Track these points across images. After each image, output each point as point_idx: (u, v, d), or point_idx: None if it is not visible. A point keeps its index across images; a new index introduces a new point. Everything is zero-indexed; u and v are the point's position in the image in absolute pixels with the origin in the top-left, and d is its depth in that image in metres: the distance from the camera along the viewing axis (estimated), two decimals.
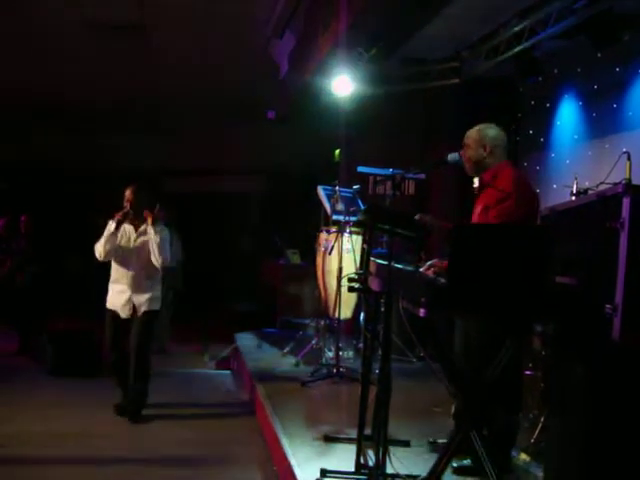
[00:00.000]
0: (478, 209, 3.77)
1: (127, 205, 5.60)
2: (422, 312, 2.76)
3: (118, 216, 5.55)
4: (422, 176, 6.43)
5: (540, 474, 3.54)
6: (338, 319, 6.16)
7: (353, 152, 8.48)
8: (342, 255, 6.01)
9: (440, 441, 4.06)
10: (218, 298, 11.37)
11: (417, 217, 3.88)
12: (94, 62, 8.90)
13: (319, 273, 6.66)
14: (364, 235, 4.11)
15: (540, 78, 6.48)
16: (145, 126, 11.98)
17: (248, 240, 12.85)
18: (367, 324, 3.60)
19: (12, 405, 5.85)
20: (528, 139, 7.14)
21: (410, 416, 4.86)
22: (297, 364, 6.62)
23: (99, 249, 5.57)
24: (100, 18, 7.33)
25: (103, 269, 5.82)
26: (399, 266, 3.35)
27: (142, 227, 5.66)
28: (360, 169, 6.70)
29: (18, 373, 7.18)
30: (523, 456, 3.81)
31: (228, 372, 7.65)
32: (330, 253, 6.18)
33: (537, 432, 3.95)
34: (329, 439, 4.33)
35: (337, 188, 6.31)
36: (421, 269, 3.35)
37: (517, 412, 3.71)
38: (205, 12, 7.09)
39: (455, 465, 3.72)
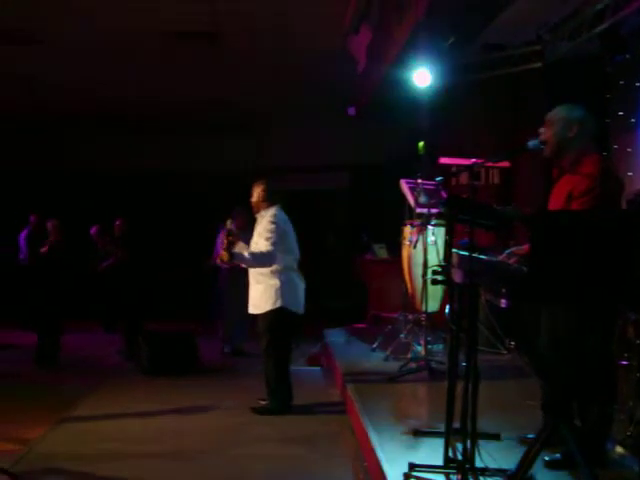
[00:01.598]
0: (559, 197, 3.62)
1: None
2: (503, 303, 2.71)
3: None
4: (506, 164, 6.29)
5: (636, 468, 3.40)
6: (425, 312, 6.11)
7: (437, 143, 8.37)
8: (427, 248, 5.95)
9: (531, 435, 3.96)
10: (308, 295, 11.46)
11: (499, 207, 3.77)
12: (175, 68, 9.14)
13: (405, 267, 6.63)
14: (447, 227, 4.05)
15: (628, 56, 6.19)
16: (231, 127, 12.21)
17: (335, 236, 12.90)
18: (452, 317, 3.54)
19: (111, 403, 6.12)
20: (618, 120, 6.83)
21: (501, 409, 4.77)
22: (386, 359, 6.60)
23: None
24: (177, 27, 7.49)
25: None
26: (481, 257, 3.29)
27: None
28: (442, 160, 6.61)
29: (117, 373, 7.51)
30: (619, 449, 3.67)
31: (318, 368, 7.70)
32: (415, 246, 6.14)
33: (633, 424, 3.79)
34: (418, 433, 4.30)
35: (419, 180, 6.26)
36: (500, 258, 3.28)
37: (611, 403, 3.56)
38: (280, 13, 7.15)
39: (547, 459, 3.63)
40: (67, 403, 6.04)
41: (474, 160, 4.77)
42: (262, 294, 5.64)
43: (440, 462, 3.66)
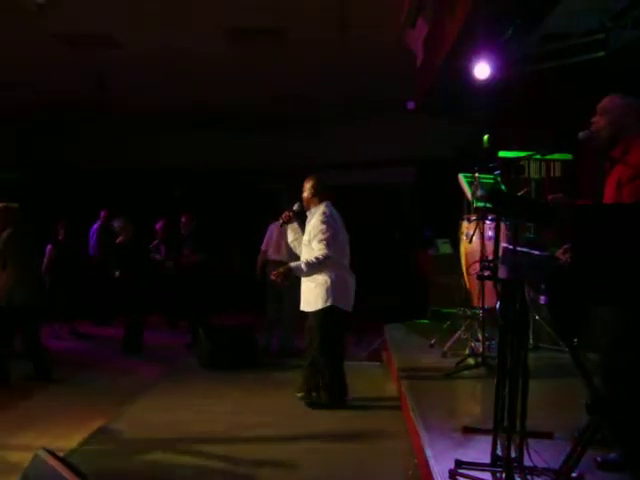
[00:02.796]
0: (610, 187, 3.53)
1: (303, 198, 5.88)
2: (543, 299, 2.66)
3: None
4: (567, 157, 6.14)
5: None
6: (482, 308, 6.03)
7: (500, 136, 8.22)
8: (484, 242, 5.86)
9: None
10: (371, 290, 11.47)
11: (550, 198, 3.67)
12: (240, 67, 9.26)
13: (462, 262, 6.55)
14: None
15: None
16: (293, 123, 12.31)
17: (400, 231, 12.84)
18: (502, 313, 3.49)
19: (171, 396, 6.31)
20: None
21: (557, 408, 4.68)
22: (443, 355, 6.55)
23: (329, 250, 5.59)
24: (241, 24, 7.59)
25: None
26: (529, 251, 3.23)
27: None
28: (501, 154, 6.50)
29: (180, 366, 7.69)
30: None
31: (377, 364, 7.69)
32: (470, 241, 6.06)
33: None
34: (468, 431, 4.24)
35: (477, 175, 6.17)
36: (557, 254, 3.21)
37: None
38: (339, 10, 7.16)
39: (600, 460, 3.54)
40: (132, 391, 6.33)
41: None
42: (314, 292, 5.67)
43: (488, 460, 3.63)
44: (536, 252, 3.20)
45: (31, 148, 13.29)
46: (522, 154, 4.24)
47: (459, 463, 3.63)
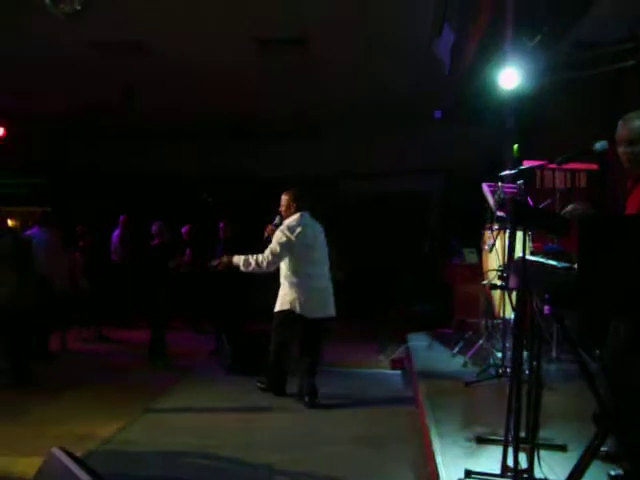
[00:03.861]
0: (631, 207, 3.47)
1: (281, 211, 6.32)
2: (546, 309, 2.64)
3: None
4: (593, 167, 6.07)
5: None
6: (503, 318, 5.99)
7: (529, 145, 8.15)
8: (504, 252, 5.81)
9: (603, 449, 3.80)
10: (396, 298, 11.45)
11: (569, 208, 3.63)
12: (266, 76, 9.34)
13: (484, 271, 6.51)
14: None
15: None
16: (320, 131, 12.37)
17: (427, 239, 12.79)
18: (515, 323, 3.48)
19: (191, 399, 6.39)
20: None
21: (576, 420, 4.60)
22: (465, 364, 6.52)
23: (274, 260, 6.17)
24: (266, 34, 7.67)
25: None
26: (543, 262, 3.21)
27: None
28: (526, 163, 6.45)
29: (202, 372, 7.73)
30: None
31: (399, 372, 7.67)
32: (491, 250, 6.02)
33: None
34: (481, 440, 4.24)
35: (499, 184, 6.13)
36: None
37: None
38: (364, 20, 7.20)
39: (613, 473, 3.50)
40: (153, 395, 6.42)
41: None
42: (278, 296, 6.30)
43: (498, 471, 3.60)
44: (552, 262, 3.18)
45: (62, 154, 13.54)
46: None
47: (468, 472, 3.62)
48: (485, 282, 6.12)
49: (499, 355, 6.16)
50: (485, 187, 6.49)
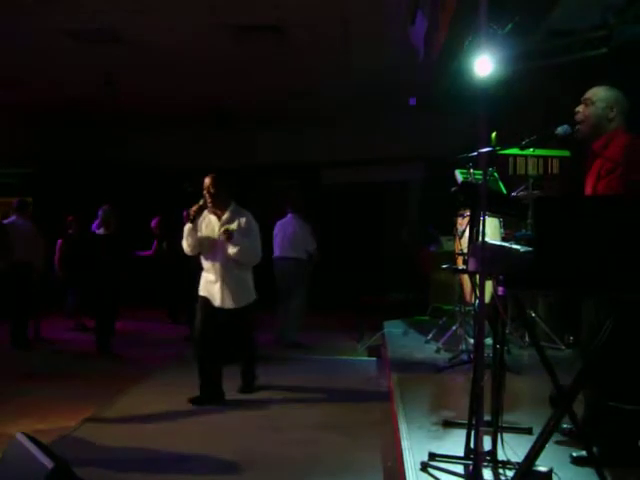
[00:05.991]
0: (590, 181, 3.55)
1: (206, 194, 5.61)
2: (500, 290, 2.66)
3: (194, 210, 5.60)
4: (565, 154, 6.10)
5: None
6: (474, 304, 6.02)
7: (506, 133, 8.17)
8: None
9: (565, 426, 3.82)
10: (375, 286, 11.49)
11: (523, 192, 3.70)
12: (243, 64, 9.30)
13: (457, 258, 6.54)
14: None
15: None
16: (300, 120, 12.34)
17: (406, 228, 12.82)
18: (479, 308, 3.50)
19: (163, 387, 6.38)
20: None
21: (543, 404, 4.63)
22: (438, 351, 6.57)
23: (184, 244, 5.71)
24: (241, 21, 7.63)
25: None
26: (506, 246, 3.23)
27: (225, 216, 5.70)
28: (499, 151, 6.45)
29: (176, 359, 7.73)
30: None
31: (374, 359, 7.70)
32: (461, 237, 6.06)
33: None
34: (447, 424, 4.27)
35: (471, 171, 6.16)
36: None
37: (636, 399, 3.42)
38: (340, 7, 7.17)
39: (575, 455, 3.54)
40: (123, 384, 6.37)
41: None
42: (240, 288, 5.91)
43: (462, 453, 3.63)
44: (515, 246, 3.20)
45: (44, 144, 13.43)
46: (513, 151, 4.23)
47: (432, 455, 3.64)
48: (445, 266, 6.17)
49: (472, 341, 6.21)
50: (457, 174, 6.52)
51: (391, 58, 8.54)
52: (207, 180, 5.64)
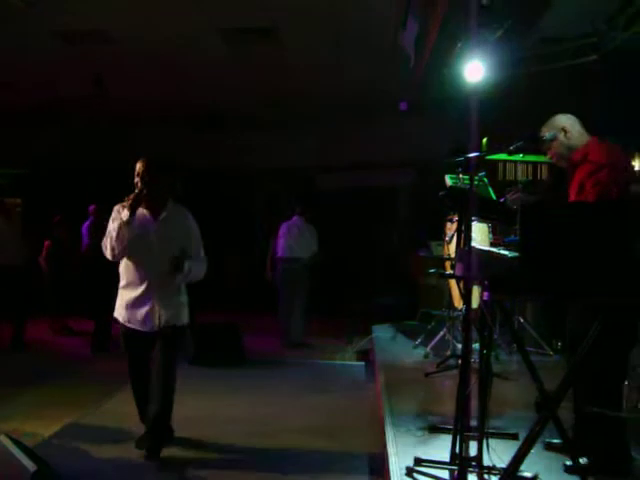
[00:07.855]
0: (572, 190, 3.60)
1: (138, 183, 4.33)
2: (485, 295, 2.66)
3: (129, 200, 4.26)
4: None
5: None
6: (462, 309, 6.02)
7: (495, 138, 8.19)
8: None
9: (555, 441, 3.81)
10: (366, 291, 11.48)
11: (509, 196, 3.74)
12: (231, 67, 9.28)
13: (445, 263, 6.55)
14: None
15: None
16: (293, 125, 12.33)
17: (397, 233, 12.82)
18: (466, 314, 3.49)
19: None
20: None
21: (530, 410, 4.63)
22: (426, 355, 6.56)
23: (108, 246, 4.30)
24: (232, 24, 7.61)
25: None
26: (484, 249, 3.23)
27: (163, 214, 4.45)
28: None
29: None
30: None
31: (362, 364, 7.68)
32: (450, 242, 6.06)
33: None
34: (434, 429, 4.26)
35: (461, 176, 6.16)
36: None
37: (618, 406, 3.42)
38: (331, 12, 7.17)
39: (568, 464, 3.53)
40: (112, 387, 6.24)
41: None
42: (180, 305, 4.70)
43: (448, 458, 3.62)
44: (503, 252, 3.20)
45: (35, 145, 13.37)
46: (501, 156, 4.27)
47: (418, 460, 3.64)
48: (432, 270, 6.17)
49: (459, 346, 6.20)
50: (447, 179, 6.53)
51: (383, 64, 8.53)
52: (139, 165, 4.39)
